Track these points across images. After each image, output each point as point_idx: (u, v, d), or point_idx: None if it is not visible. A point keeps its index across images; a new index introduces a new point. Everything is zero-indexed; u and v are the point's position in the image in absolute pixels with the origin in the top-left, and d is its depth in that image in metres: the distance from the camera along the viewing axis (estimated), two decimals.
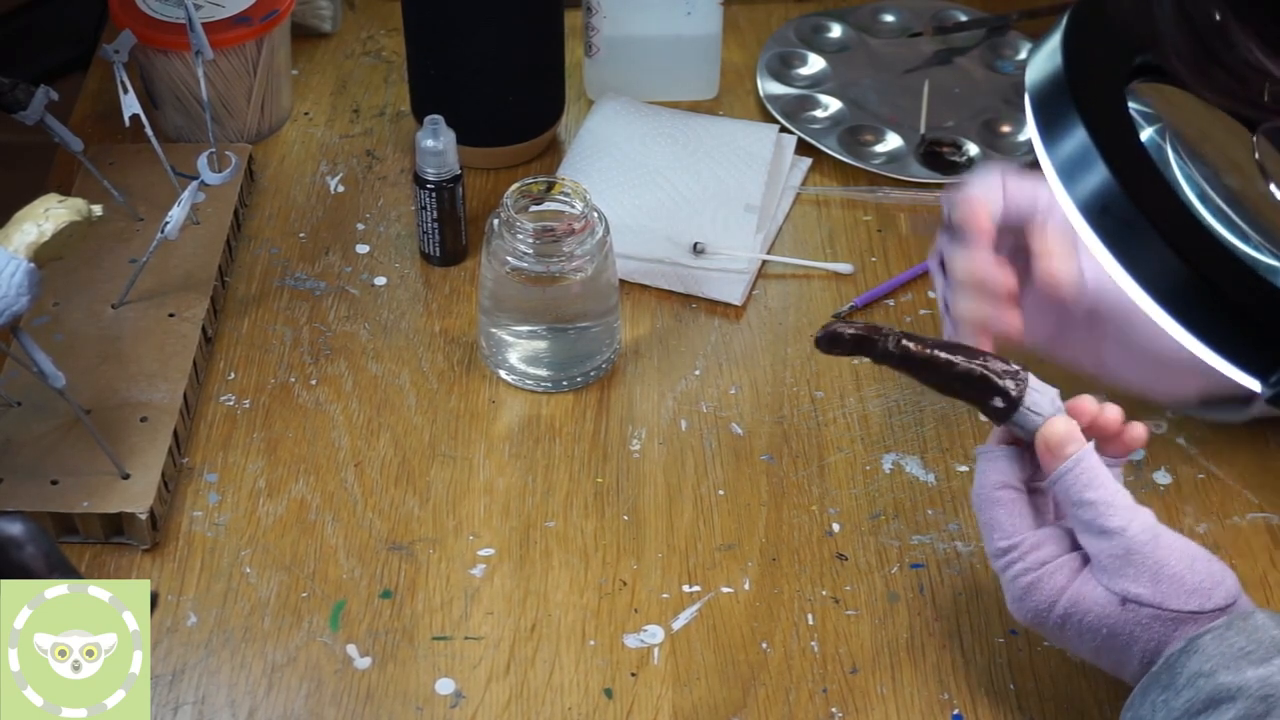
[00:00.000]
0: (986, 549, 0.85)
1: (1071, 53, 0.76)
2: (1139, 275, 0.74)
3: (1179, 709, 0.77)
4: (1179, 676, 0.78)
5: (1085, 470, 0.82)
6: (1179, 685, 0.77)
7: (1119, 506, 0.81)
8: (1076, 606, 0.82)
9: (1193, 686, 0.77)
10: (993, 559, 0.85)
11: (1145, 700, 0.79)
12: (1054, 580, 0.82)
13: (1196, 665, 0.77)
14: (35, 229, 0.90)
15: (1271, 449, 1.04)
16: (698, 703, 0.91)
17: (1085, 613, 0.81)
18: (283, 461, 1.04)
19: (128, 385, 1.04)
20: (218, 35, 1.18)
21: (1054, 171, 0.76)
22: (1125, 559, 0.80)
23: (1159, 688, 0.78)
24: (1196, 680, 0.77)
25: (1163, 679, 0.78)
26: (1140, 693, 0.80)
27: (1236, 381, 0.71)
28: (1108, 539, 0.81)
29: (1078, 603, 0.82)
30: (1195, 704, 0.76)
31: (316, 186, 1.24)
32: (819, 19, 1.40)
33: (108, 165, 1.19)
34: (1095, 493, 0.81)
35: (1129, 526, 0.81)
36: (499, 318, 1.07)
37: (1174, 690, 0.78)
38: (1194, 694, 0.77)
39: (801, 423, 1.06)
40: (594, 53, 1.30)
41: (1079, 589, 0.82)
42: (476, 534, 0.99)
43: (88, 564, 0.97)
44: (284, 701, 0.91)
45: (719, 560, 0.98)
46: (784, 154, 1.25)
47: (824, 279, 1.17)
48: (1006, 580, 0.84)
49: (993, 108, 1.31)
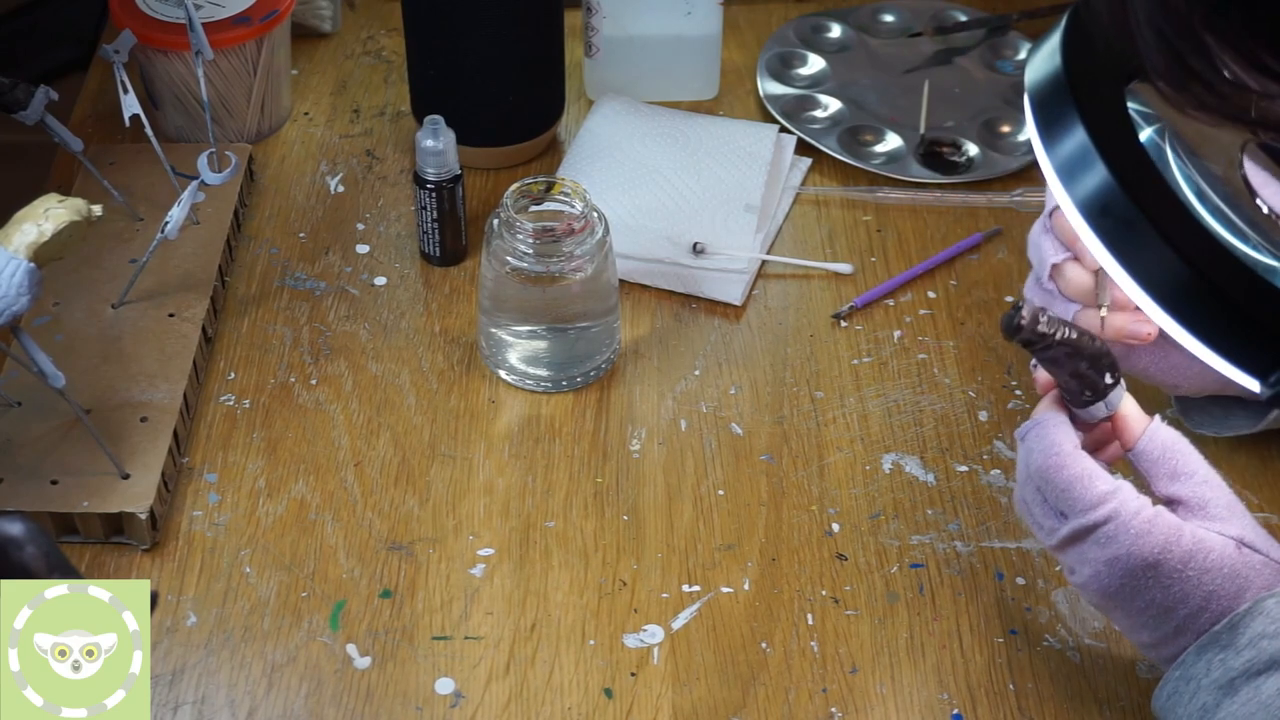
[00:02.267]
0: (1069, 505, 0.82)
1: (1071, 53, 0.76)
2: (1139, 275, 0.74)
3: (1238, 668, 0.78)
4: (1241, 636, 0.78)
5: (1165, 428, 0.86)
6: (1240, 645, 0.78)
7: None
8: (1201, 544, 0.81)
9: (1254, 647, 0.78)
10: (1084, 513, 0.82)
11: (1201, 659, 0.80)
12: (1168, 517, 0.81)
13: (1261, 627, 0.78)
14: (35, 229, 0.90)
15: (1272, 449, 1.04)
16: (698, 703, 0.91)
17: (1209, 550, 0.80)
18: (283, 461, 1.04)
19: (128, 385, 1.04)
20: (218, 35, 1.18)
21: (1054, 171, 0.76)
22: (1232, 507, 0.83)
23: (1218, 647, 0.79)
24: (1259, 641, 0.77)
25: (1223, 639, 0.79)
26: (1196, 651, 0.80)
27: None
28: (1210, 488, 0.83)
29: (1201, 540, 0.81)
30: (1256, 664, 0.77)
31: (316, 186, 1.24)
32: (819, 19, 1.40)
33: (108, 165, 1.19)
34: (1187, 445, 0.85)
35: (1217, 478, 0.84)
36: (499, 318, 1.07)
37: (1234, 650, 0.78)
38: (1255, 655, 0.77)
39: (801, 423, 1.06)
40: (594, 53, 1.30)
41: (1194, 529, 0.81)
42: (476, 534, 1.00)
43: (88, 564, 0.97)
44: (284, 701, 0.91)
45: (719, 560, 0.98)
46: (784, 154, 1.25)
47: (824, 279, 1.17)
48: (1114, 527, 0.81)
49: (993, 108, 1.31)
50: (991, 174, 1.25)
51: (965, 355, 1.11)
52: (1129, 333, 0.91)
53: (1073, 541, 0.83)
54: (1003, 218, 1.22)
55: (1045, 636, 0.94)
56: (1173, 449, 0.85)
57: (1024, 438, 0.86)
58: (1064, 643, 0.94)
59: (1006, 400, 1.08)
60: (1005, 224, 1.21)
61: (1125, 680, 0.92)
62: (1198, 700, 0.79)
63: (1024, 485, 0.86)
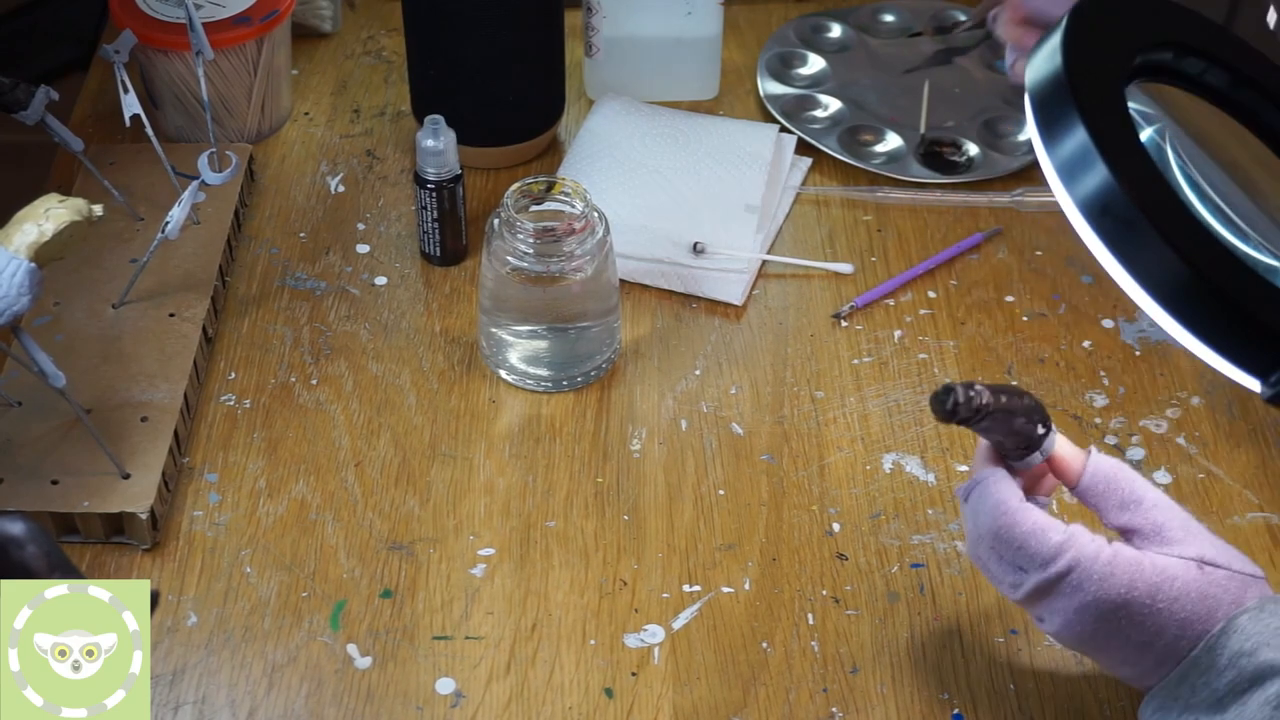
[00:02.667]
0: (1027, 561, 0.82)
1: (1071, 53, 0.76)
2: (1139, 275, 0.74)
3: (1222, 689, 0.78)
4: (1220, 658, 0.78)
5: (1104, 459, 0.85)
6: (1220, 666, 0.78)
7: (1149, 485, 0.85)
8: (1164, 574, 0.80)
9: (1235, 667, 0.77)
10: (1044, 566, 0.81)
11: (1184, 684, 0.79)
12: (1127, 554, 0.81)
13: (1237, 645, 0.78)
14: (35, 229, 0.90)
15: (1272, 449, 1.04)
16: (698, 702, 0.91)
17: (1174, 579, 0.80)
18: (283, 461, 1.04)
19: (128, 385, 1.04)
20: (218, 35, 1.18)
21: (1054, 171, 0.76)
22: (1186, 526, 0.82)
23: (1199, 670, 0.79)
24: (1239, 660, 0.77)
25: (1203, 662, 0.79)
26: (1178, 677, 0.80)
27: None
28: (1161, 511, 0.82)
29: (1164, 570, 0.80)
30: (1240, 682, 0.77)
31: (316, 186, 1.24)
32: (819, 19, 1.40)
33: (108, 165, 1.19)
34: (1129, 471, 0.85)
35: (1166, 500, 0.84)
36: (499, 318, 1.07)
37: (1215, 671, 0.78)
38: (1237, 674, 0.77)
39: (801, 423, 1.06)
40: (594, 53, 1.30)
41: (1154, 559, 0.81)
42: (477, 534, 1.00)
43: (88, 564, 0.97)
44: (284, 701, 0.91)
45: (719, 560, 0.98)
46: (784, 154, 1.25)
47: (824, 279, 1.17)
48: (1077, 576, 0.80)
49: (993, 108, 1.31)
50: (991, 174, 1.25)
51: (965, 355, 1.11)
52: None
53: (1038, 596, 0.82)
54: (1003, 218, 1.22)
55: (1046, 637, 0.94)
56: (1116, 480, 0.84)
57: (966, 497, 0.85)
58: None
59: None
60: (1005, 224, 1.21)
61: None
62: (1187, 717, 0.79)
63: (976, 544, 0.84)
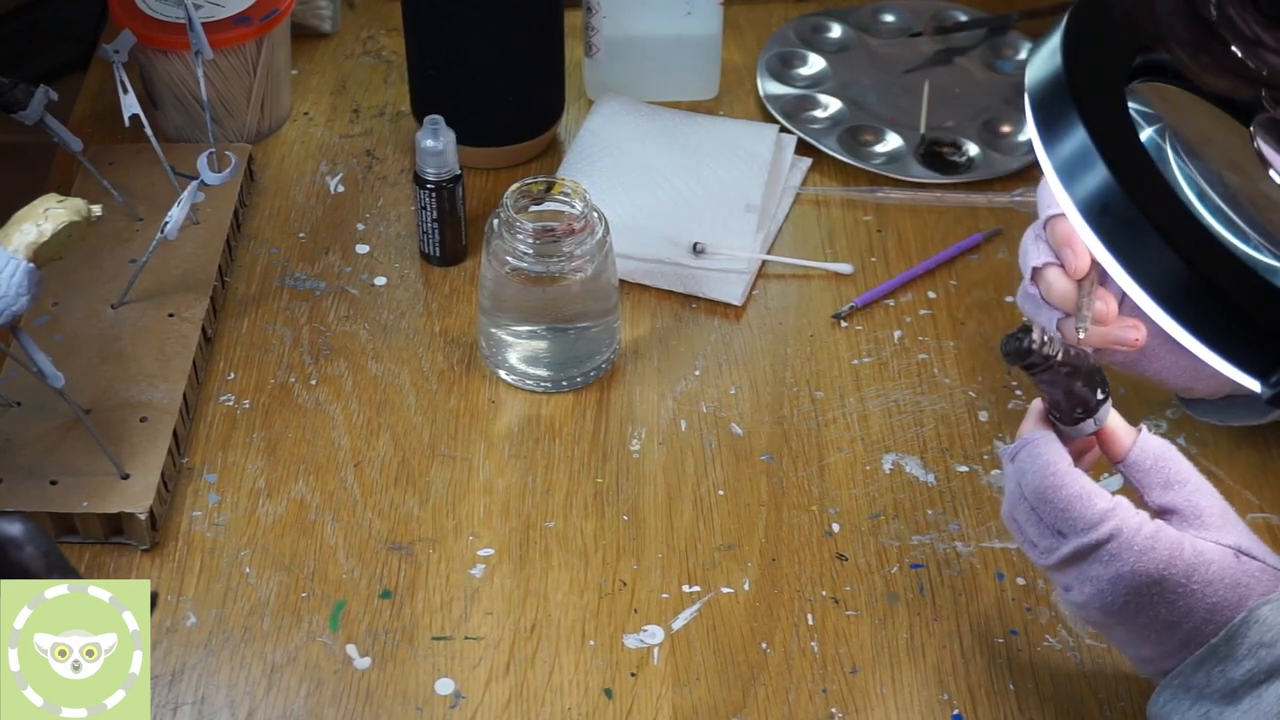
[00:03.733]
0: (1069, 525, 0.81)
1: (1071, 53, 0.76)
2: (1139, 275, 0.74)
3: (1239, 679, 0.78)
4: (1239, 647, 0.78)
5: (1154, 437, 0.85)
6: (1239, 656, 0.78)
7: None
8: (1202, 557, 0.80)
9: (1253, 657, 0.77)
10: (1085, 531, 0.80)
11: (1200, 670, 0.79)
12: (1169, 532, 0.80)
13: (1257, 635, 0.78)
14: (35, 229, 0.90)
15: (1272, 449, 1.04)
16: (698, 703, 0.91)
17: (1210, 562, 0.79)
18: (282, 461, 1.04)
19: (128, 385, 1.04)
20: (218, 35, 1.18)
21: (1054, 171, 0.76)
22: (1225, 515, 0.82)
23: (1216, 659, 0.79)
24: (1258, 651, 0.77)
25: (1221, 650, 0.79)
26: (1194, 664, 0.80)
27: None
28: (1203, 496, 0.82)
29: (1202, 553, 0.80)
30: (1257, 674, 0.77)
31: (316, 186, 1.24)
32: (819, 19, 1.40)
33: (107, 165, 1.19)
34: (1177, 453, 0.84)
35: (1209, 487, 0.83)
36: (499, 318, 1.07)
37: (1233, 661, 0.78)
38: (1255, 664, 0.77)
39: (801, 423, 1.06)
40: (594, 53, 1.30)
41: (1195, 541, 0.80)
42: (476, 534, 0.99)
43: (87, 564, 0.97)
44: (284, 701, 0.91)
45: (719, 560, 0.98)
46: (784, 154, 1.25)
47: (824, 279, 1.17)
48: (1117, 545, 0.80)
49: (993, 108, 1.31)
50: (991, 174, 1.25)
51: (965, 355, 1.11)
52: (1115, 339, 0.89)
53: (1074, 560, 0.81)
54: (1003, 218, 1.22)
55: (1046, 637, 0.94)
56: (1164, 458, 0.84)
57: (1014, 457, 0.84)
58: (1064, 643, 0.94)
59: (1007, 400, 1.08)
60: (1005, 224, 1.21)
61: (1126, 681, 0.92)
62: (1199, 708, 0.79)
63: (1016, 505, 0.84)
